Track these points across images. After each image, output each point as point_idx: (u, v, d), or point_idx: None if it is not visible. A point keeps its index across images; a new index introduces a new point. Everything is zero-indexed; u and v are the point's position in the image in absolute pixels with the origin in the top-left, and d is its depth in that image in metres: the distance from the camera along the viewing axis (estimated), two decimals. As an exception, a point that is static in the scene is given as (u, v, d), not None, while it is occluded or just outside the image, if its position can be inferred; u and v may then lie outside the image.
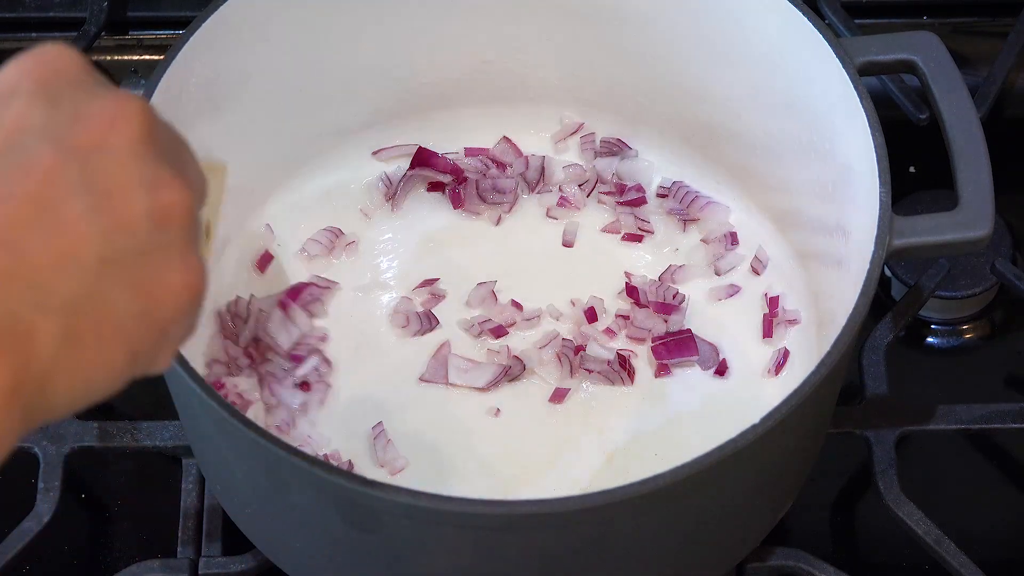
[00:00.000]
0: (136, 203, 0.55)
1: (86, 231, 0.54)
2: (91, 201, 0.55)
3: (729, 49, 0.95)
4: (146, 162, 0.56)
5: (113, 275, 0.55)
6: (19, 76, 0.57)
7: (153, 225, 0.56)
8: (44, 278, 0.53)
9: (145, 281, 0.56)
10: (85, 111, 0.56)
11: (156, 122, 0.58)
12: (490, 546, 0.80)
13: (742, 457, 0.76)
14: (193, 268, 0.57)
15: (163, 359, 0.58)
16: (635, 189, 1.04)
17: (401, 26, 0.99)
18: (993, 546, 0.98)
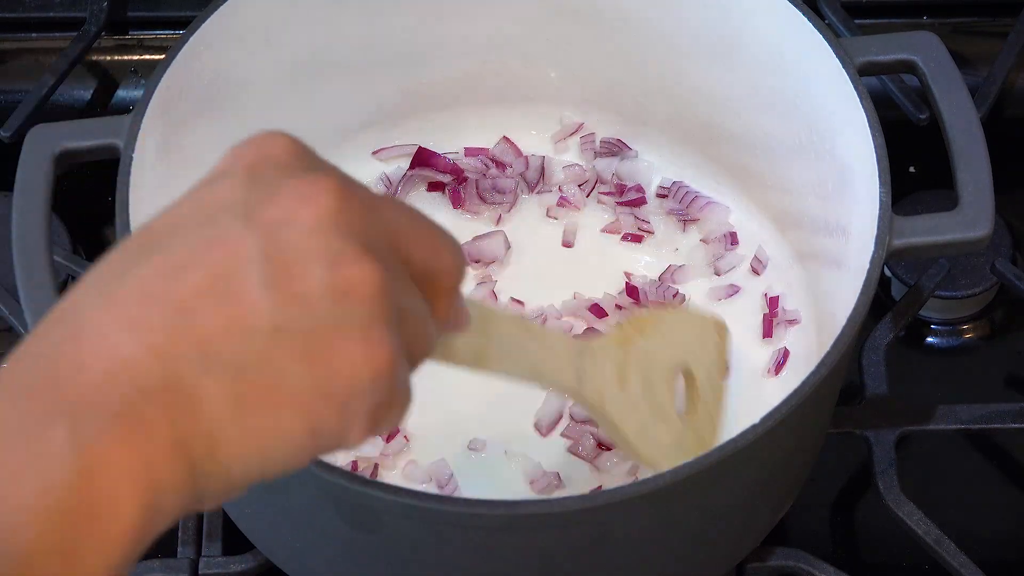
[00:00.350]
0: (314, 276, 0.56)
1: (258, 301, 0.55)
2: (269, 273, 0.55)
3: (729, 49, 0.95)
4: (331, 237, 0.56)
5: (285, 345, 0.55)
6: (233, 160, 0.59)
7: (332, 299, 0.56)
8: (212, 343, 0.54)
9: (319, 353, 0.55)
10: (281, 189, 0.57)
11: (351, 199, 0.58)
12: (490, 546, 0.80)
13: (742, 457, 0.76)
14: (375, 346, 0.56)
15: (354, 435, 0.57)
16: (635, 189, 1.04)
17: (401, 26, 0.99)
18: (993, 546, 0.98)
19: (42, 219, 0.83)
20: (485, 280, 1.01)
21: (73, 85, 1.17)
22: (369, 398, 0.57)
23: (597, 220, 1.04)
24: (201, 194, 0.58)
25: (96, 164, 0.87)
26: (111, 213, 0.83)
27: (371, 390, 0.56)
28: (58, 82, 1.13)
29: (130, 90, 1.18)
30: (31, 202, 0.83)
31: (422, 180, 1.04)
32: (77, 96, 1.18)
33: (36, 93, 1.12)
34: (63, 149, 0.85)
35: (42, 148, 0.85)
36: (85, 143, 0.86)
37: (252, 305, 0.55)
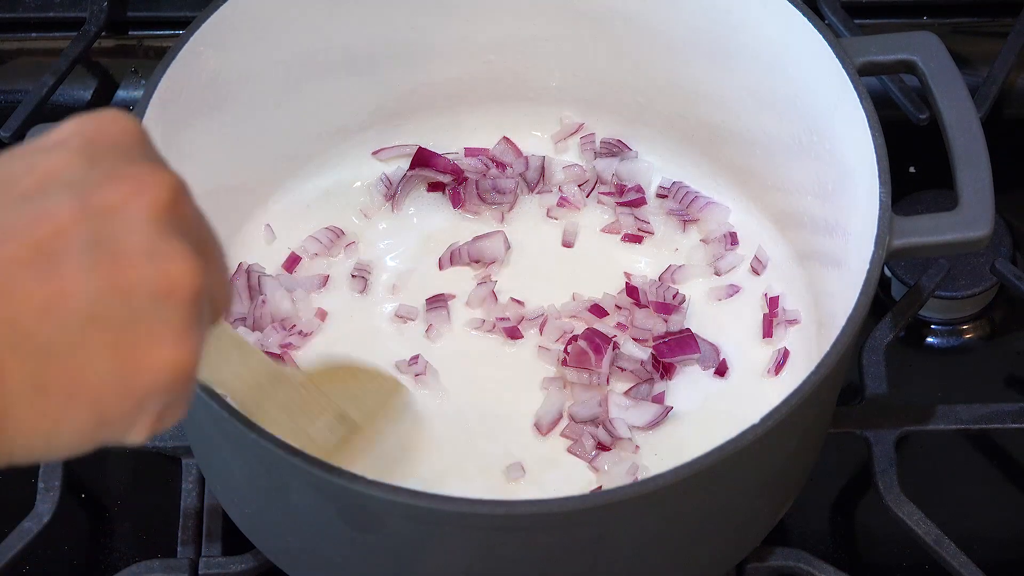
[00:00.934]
0: (138, 270, 0.55)
1: (79, 285, 0.54)
2: (93, 258, 0.55)
3: (729, 49, 0.95)
4: (161, 233, 0.56)
5: (96, 335, 0.54)
6: (71, 132, 0.58)
7: (152, 296, 0.55)
8: (25, 321, 0.54)
9: (128, 348, 0.55)
10: (117, 174, 0.56)
11: (185, 198, 0.58)
12: (490, 546, 0.80)
13: (742, 457, 0.76)
14: (185, 348, 0.56)
15: (137, 432, 0.57)
16: (635, 189, 1.04)
17: (401, 27, 0.99)
18: (993, 546, 0.98)
19: (42, 219, 0.83)
20: (485, 280, 1.01)
21: (73, 85, 1.17)
22: (164, 399, 0.57)
23: (597, 220, 1.04)
24: (34, 159, 0.57)
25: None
26: (111, 213, 0.83)
27: (168, 392, 0.57)
28: (58, 82, 1.13)
29: (130, 90, 1.18)
30: (31, 202, 0.83)
31: (422, 180, 1.04)
32: (77, 96, 1.18)
33: (36, 93, 1.12)
34: (63, 149, 0.85)
35: (42, 148, 0.85)
36: (85, 143, 0.86)
37: (73, 288, 0.54)
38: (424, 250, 1.03)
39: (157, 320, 0.55)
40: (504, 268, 1.02)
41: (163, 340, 0.56)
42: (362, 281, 1.00)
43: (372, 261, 1.02)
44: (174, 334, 0.56)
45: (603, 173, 1.04)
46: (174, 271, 0.56)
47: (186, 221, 0.57)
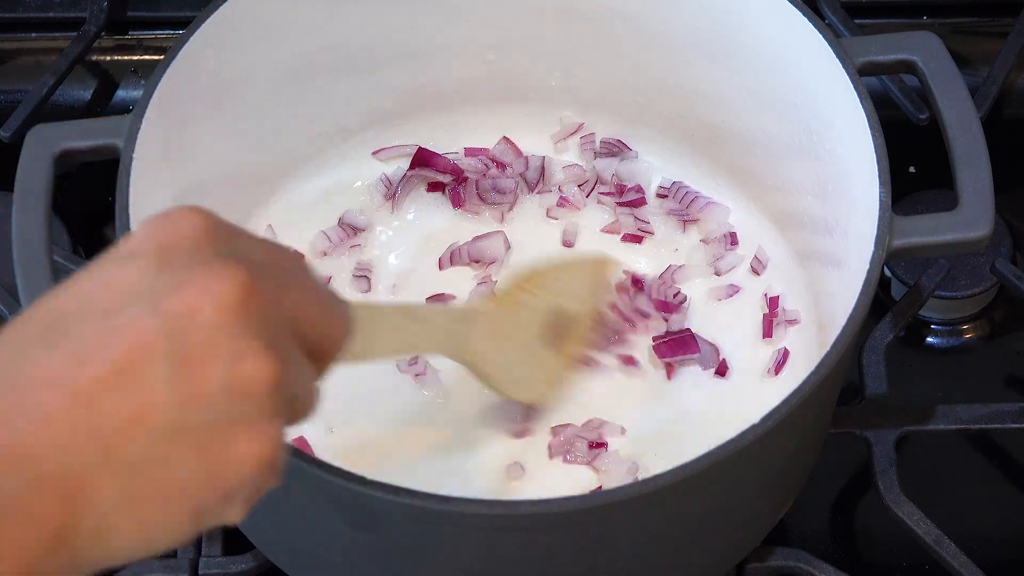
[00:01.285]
0: (214, 375, 0.57)
1: (161, 397, 0.56)
2: (171, 369, 0.56)
3: (729, 49, 0.95)
4: (233, 334, 0.57)
5: (182, 441, 0.56)
6: (144, 238, 0.59)
7: (229, 397, 0.57)
8: (113, 438, 0.55)
9: (213, 448, 0.57)
10: (187, 278, 0.58)
11: (256, 291, 0.58)
12: (490, 546, 0.80)
13: (742, 457, 0.76)
14: (265, 441, 0.58)
15: (233, 516, 0.60)
16: (635, 190, 1.04)
17: (401, 27, 0.99)
18: (993, 546, 0.98)
19: (42, 219, 0.83)
20: (485, 280, 1.01)
21: (73, 85, 1.17)
22: (253, 486, 0.59)
23: (597, 220, 1.04)
24: (109, 274, 0.58)
25: (96, 164, 0.87)
26: (111, 213, 0.83)
27: (256, 480, 0.59)
28: (58, 82, 1.13)
29: (130, 90, 1.18)
30: (31, 202, 0.83)
31: (422, 180, 1.04)
32: (77, 96, 1.18)
33: (36, 93, 1.12)
34: (63, 149, 0.85)
35: (42, 148, 0.85)
36: (85, 143, 0.86)
37: (154, 402, 0.56)
38: (424, 250, 1.03)
39: (237, 418, 0.57)
40: (504, 268, 1.02)
41: (244, 437, 0.58)
42: (365, 281, 1.00)
43: (372, 261, 1.02)
44: (254, 430, 0.58)
45: (603, 173, 1.04)
46: (248, 370, 0.57)
47: (259, 314, 0.58)
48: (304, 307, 0.62)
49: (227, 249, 0.60)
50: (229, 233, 0.61)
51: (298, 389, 0.61)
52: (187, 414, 0.56)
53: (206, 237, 0.60)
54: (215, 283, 0.57)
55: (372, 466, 0.83)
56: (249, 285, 0.58)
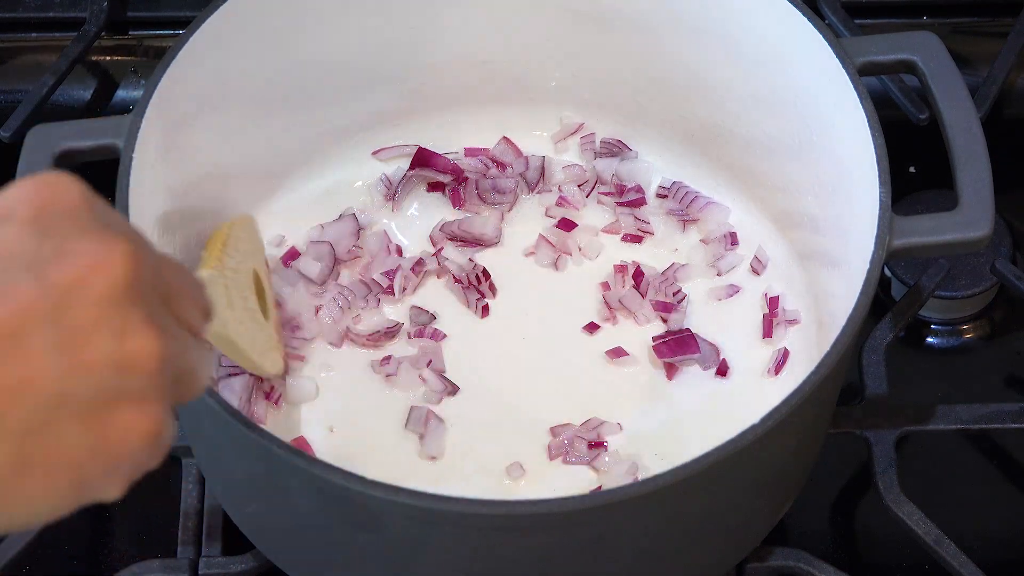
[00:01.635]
0: (102, 347, 0.57)
1: (46, 366, 0.55)
2: (58, 338, 0.56)
3: (729, 49, 0.95)
4: (121, 308, 0.57)
5: (67, 411, 0.56)
6: (17, 201, 0.58)
7: (116, 371, 0.57)
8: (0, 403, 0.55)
9: (99, 420, 0.57)
10: (72, 248, 0.57)
11: (142, 267, 0.58)
12: (490, 546, 0.80)
13: (742, 457, 0.76)
14: (151, 416, 0.58)
15: (114, 491, 0.60)
16: (635, 190, 1.04)
17: (402, 27, 0.99)
18: (993, 546, 0.98)
19: (42, 219, 0.83)
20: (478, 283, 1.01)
21: (73, 85, 1.17)
22: (136, 461, 0.59)
23: (597, 220, 1.04)
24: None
25: (96, 164, 0.87)
26: (111, 213, 0.83)
27: (140, 454, 0.59)
28: (58, 82, 1.13)
29: (130, 90, 1.18)
30: (31, 202, 0.83)
31: (422, 180, 1.04)
32: (77, 96, 1.18)
33: (36, 93, 1.12)
34: (63, 149, 0.85)
35: (42, 148, 0.85)
36: (85, 143, 0.86)
37: (40, 370, 0.55)
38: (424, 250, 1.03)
39: (122, 392, 0.57)
40: (504, 269, 1.02)
41: (130, 410, 0.58)
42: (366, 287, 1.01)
43: (372, 260, 1.02)
44: (141, 404, 0.58)
45: (603, 173, 1.04)
46: (136, 344, 0.57)
47: (144, 289, 0.58)
48: (176, 283, 0.62)
49: (105, 220, 0.59)
50: (106, 206, 0.61)
51: (185, 365, 0.61)
52: (73, 384, 0.56)
53: (85, 205, 0.59)
54: (103, 254, 0.57)
55: (372, 466, 0.83)
56: (136, 259, 0.58)
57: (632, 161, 1.05)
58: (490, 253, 1.02)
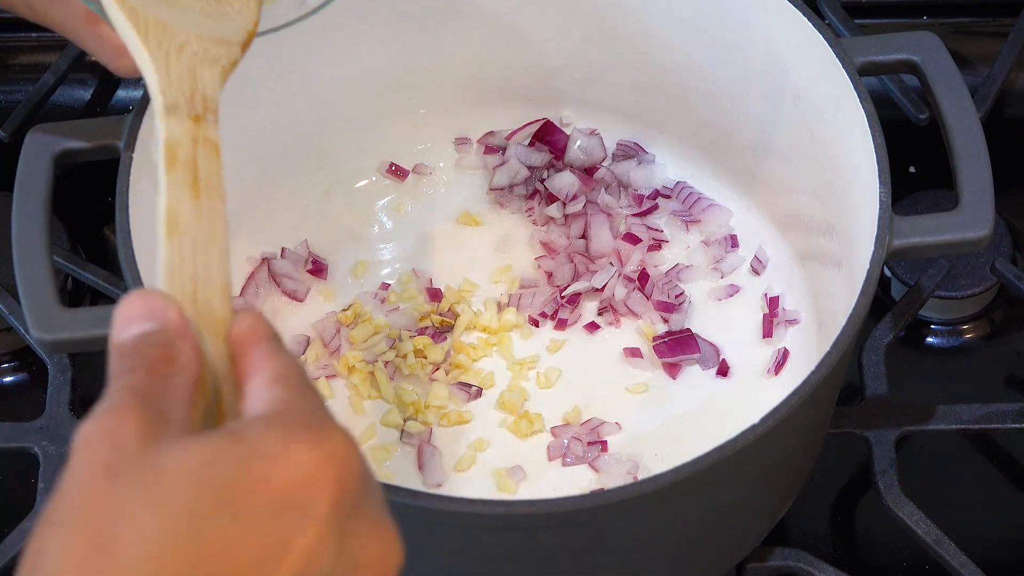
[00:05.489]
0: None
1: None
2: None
3: (729, 50, 0.95)
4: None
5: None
6: (315, 484, 0.52)
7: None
8: None
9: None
10: (365, 558, 0.53)
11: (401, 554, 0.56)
12: (490, 546, 0.80)
13: (742, 457, 0.76)
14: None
15: None
16: (650, 197, 1.03)
17: (403, 27, 0.99)
18: (993, 546, 0.98)
19: (42, 219, 0.83)
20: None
21: (73, 85, 1.17)
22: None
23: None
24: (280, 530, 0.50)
25: (96, 164, 0.87)
26: (111, 213, 0.83)
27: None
28: (58, 82, 1.13)
29: (130, 90, 1.18)
30: (31, 202, 0.83)
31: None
32: (77, 96, 1.18)
33: (36, 93, 1.12)
34: (63, 149, 0.85)
35: (42, 148, 0.85)
36: (85, 143, 0.86)
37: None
38: (424, 250, 1.02)
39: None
40: (505, 269, 1.02)
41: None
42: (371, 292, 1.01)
43: (372, 261, 1.02)
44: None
45: (621, 176, 1.04)
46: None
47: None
48: None
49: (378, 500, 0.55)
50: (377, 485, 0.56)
51: None
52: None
53: (364, 487, 0.54)
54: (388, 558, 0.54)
55: (372, 466, 0.83)
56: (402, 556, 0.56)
57: (649, 165, 1.04)
58: (489, 251, 1.03)
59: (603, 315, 0.99)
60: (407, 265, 1.02)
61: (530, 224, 1.03)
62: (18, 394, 1.06)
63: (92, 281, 1.04)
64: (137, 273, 0.81)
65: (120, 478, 0.50)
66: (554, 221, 1.03)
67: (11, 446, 0.98)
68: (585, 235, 1.02)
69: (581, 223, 1.02)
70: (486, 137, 1.05)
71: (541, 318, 0.99)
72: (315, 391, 0.56)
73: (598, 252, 1.01)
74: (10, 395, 1.06)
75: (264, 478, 0.50)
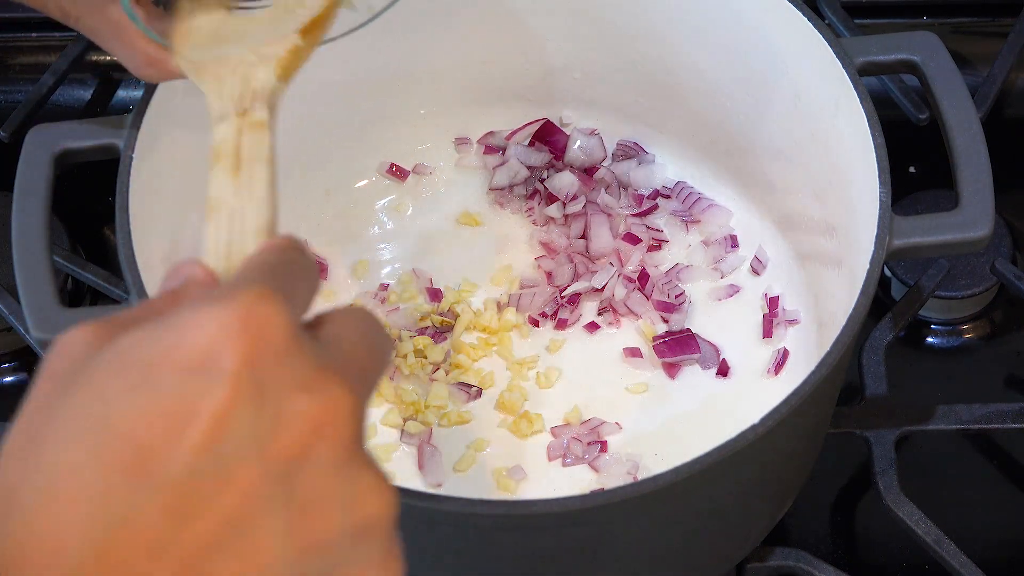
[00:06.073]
0: (333, 520, 0.50)
1: (277, 554, 0.49)
2: (286, 520, 0.49)
3: (729, 50, 0.95)
4: (348, 474, 0.50)
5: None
6: (218, 343, 0.49)
7: (350, 541, 0.50)
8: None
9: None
10: (289, 411, 0.49)
11: (363, 413, 0.51)
12: (490, 546, 0.80)
13: (742, 457, 0.76)
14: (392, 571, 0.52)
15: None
16: (650, 197, 1.03)
17: (403, 27, 0.99)
18: (993, 546, 0.98)
19: (42, 219, 0.83)
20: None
21: (73, 85, 1.17)
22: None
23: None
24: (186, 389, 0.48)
25: (96, 164, 0.87)
26: (111, 213, 0.83)
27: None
28: (58, 82, 1.13)
29: (130, 90, 1.18)
30: (31, 202, 0.84)
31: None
32: (77, 96, 1.18)
33: (36, 93, 1.12)
34: (63, 149, 0.85)
35: (42, 148, 0.85)
36: (85, 143, 0.86)
37: (270, 560, 0.49)
38: (424, 250, 1.03)
39: (358, 560, 0.51)
40: (505, 269, 1.02)
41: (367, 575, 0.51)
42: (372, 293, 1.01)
43: (372, 261, 1.02)
44: (377, 566, 0.52)
45: (621, 177, 1.04)
46: (368, 508, 0.51)
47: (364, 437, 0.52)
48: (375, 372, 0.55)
49: (319, 355, 0.51)
50: (310, 325, 0.53)
51: None
52: (304, 565, 0.49)
53: (294, 342, 0.50)
54: (325, 413, 0.50)
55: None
56: (358, 407, 0.51)
57: (649, 165, 1.04)
58: (488, 252, 1.03)
59: (603, 315, 0.99)
60: (407, 265, 1.02)
61: (530, 224, 1.03)
62: (18, 394, 1.04)
63: (92, 281, 1.04)
64: (137, 273, 0.81)
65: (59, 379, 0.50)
66: (554, 221, 1.03)
67: (11, 446, 0.98)
68: (585, 235, 1.02)
69: (581, 223, 1.02)
70: (486, 137, 1.06)
71: (541, 318, 0.99)
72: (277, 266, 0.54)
73: (598, 252, 1.01)
74: (10, 395, 1.06)
75: (171, 347, 0.49)
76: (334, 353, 0.52)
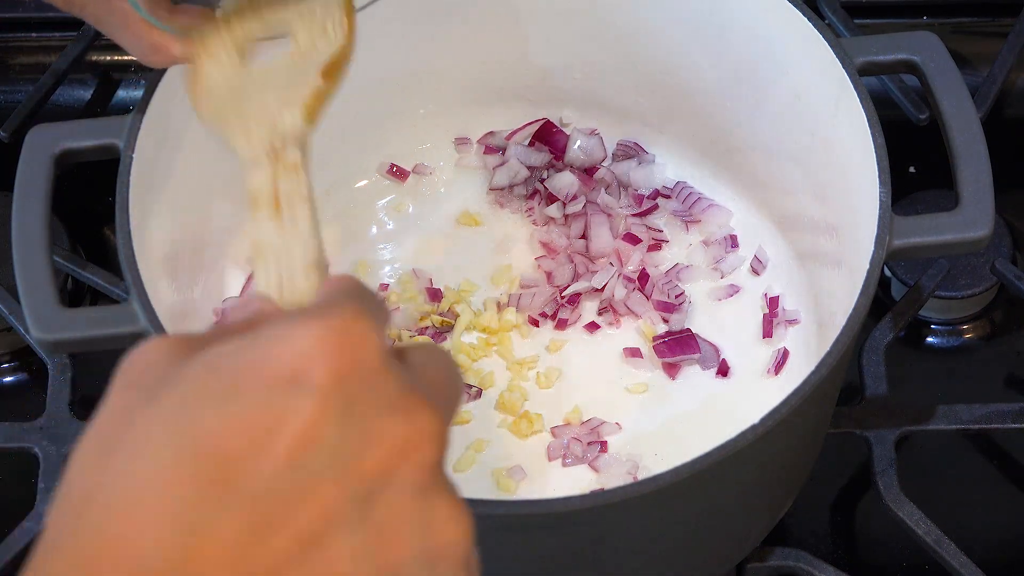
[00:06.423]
0: (408, 544, 0.50)
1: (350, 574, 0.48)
2: (364, 540, 0.49)
3: (729, 50, 0.95)
4: (427, 498, 0.50)
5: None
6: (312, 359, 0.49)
7: (422, 567, 0.50)
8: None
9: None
10: (376, 431, 0.49)
11: (447, 439, 0.51)
12: (490, 546, 0.80)
13: (742, 457, 0.76)
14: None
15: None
16: (650, 197, 1.03)
17: (402, 28, 0.99)
18: (993, 546, 0.98)
19: (42, 219, 0.83)
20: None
21: (73, 85, 1.17)
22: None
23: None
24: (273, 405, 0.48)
25: (96, 164, 0.87)
26: (111, 213, 0.83)
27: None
28: (58, 82, 1.13)
29: (130, 90, 1.18)
30: (31, 202, 0.84)
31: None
32: (77, 96, 1.18)
33: (36, 93, 1.12)
34: (63, 149, 0.85)
35: (42, 148, 0.85)
36: (85, 143, 0.86)
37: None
38: (424, 250, 1.03)
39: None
40: (505, 269, 1.02)
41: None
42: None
43: (372, 261, 1.02)
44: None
45: (621, 177, 1.04)
46: (445, 535, 0.51)
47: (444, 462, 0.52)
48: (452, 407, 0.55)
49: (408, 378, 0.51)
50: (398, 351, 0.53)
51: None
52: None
53: (384, 366, 0.50)
54: (410, 438, 0.50)
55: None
56: (443, 434, 0.51)
57: (649, 165, 1.04)
58: (487, 252, 1.03)
59: (603, 315, 0.99)
60: (407, 265, 1.02)
61: (530, 224, 1.03)
62: (18, 394, 1.06)
63: (92, 281, 1.04)
64: (137, 273, 0.81)
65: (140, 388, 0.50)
66: (554, 221, 1.03)
67: (11, 446, 0.98)
68: (585, 235, 1.02)
69: (581, 223, 1.02)
70: (486, 137, 1.06)
71: (541, 318, 0.99)
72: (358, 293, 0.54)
73: (598, 252, 1.01)
74: (10, 395, 1.06)
75: (262, 359, 0.49)
76: (420, 379, 0.52)
